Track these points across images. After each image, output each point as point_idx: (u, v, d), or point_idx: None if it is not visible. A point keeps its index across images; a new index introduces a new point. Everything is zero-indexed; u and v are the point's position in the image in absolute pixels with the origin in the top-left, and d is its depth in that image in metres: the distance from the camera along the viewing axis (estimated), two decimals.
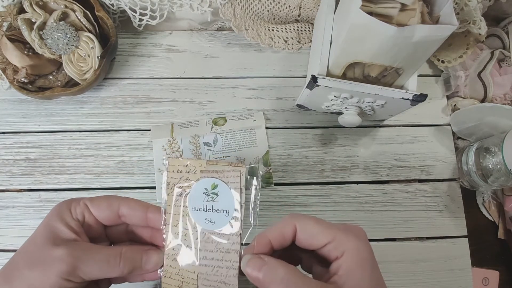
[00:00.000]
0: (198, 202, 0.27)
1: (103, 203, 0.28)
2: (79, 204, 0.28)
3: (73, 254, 0.25)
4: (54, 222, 0.27)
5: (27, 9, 0.43)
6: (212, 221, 0.27)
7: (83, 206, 0.28)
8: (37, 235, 0.27)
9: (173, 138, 0.47)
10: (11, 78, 0.44)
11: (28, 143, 0.47)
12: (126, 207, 0.29)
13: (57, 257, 0.25)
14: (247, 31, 0.48)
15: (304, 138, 0.49)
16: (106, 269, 0.26)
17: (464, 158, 0.48)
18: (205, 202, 0.27)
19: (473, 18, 0.42)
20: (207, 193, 0.28)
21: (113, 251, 0.27)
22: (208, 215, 0.27)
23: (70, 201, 0.28)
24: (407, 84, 0.42)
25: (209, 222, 0.27)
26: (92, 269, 0.26)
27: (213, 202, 0.27)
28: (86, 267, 0.26)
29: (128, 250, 0.27)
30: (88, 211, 0.28)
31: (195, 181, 0.28)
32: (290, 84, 0.51)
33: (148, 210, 0.29)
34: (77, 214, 0.28)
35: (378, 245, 0.46)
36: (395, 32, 0.32)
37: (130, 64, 0.51)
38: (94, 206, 0.28)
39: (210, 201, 0.27)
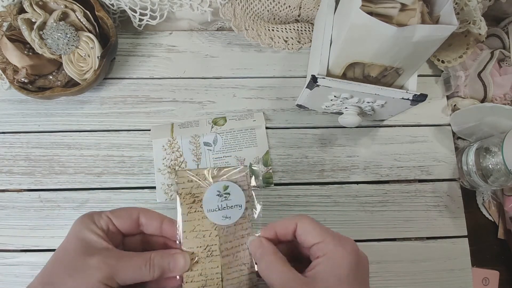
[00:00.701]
0: (213, 204, 0.31)
1: (124, 213, 0.30)
2: (102, 216, 0.30)
3: (107, 262, 0.27)
4: (84, 233, 0.28)
5: (27, 9, 0.43)
6: (228, 216, 0.31)
7: (106, 218, 0.30)
8: (69, 246, 0.28)
9: (173, 138, 0.47)
10: (11, 78, 0.44)
11: (28, 143, 0.47)
12: (145, 216, 0.30)
13: (94, 265, 0.27)
14: (247, 31, 0.48)
15: (304, 138, 0.49)
16: (138, 274, 0.28)
17: (464, 158, 0.48)
18: (219, 203, 0.31)
19: (473, 18, 0.42)
20: (220, 195, 0.31)
21: (143, 257, 0.29)
22: (224, 213, 0.30)
23: (92, 214, 0.30)
24: (407, 84, 0.42)
25: (226, 218, 0.31)
26: (126, 275, 0.28)
27: (226, 201, 0.31)
28: (121, 273, 0.27)
29: (157, 255, 0.29)
30: (111, 222, 0.30)
31: (207, 187, 0.31)
32: (290, 84, 0.51)
33: (163, 221, 0.31)
34: (102, 225, 0.29)
35: (378, 245, 0.46)
36: (395, 32, 0.32)
37: (130, 64, 0.51)
38: (116, 216, 0.30)
39: (224, 200, 0.31)
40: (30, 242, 0.44)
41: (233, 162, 0.47)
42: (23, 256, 0.44)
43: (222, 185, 0.31)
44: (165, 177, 0.46)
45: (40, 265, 0.43)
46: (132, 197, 0.46)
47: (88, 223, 0.29)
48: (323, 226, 0.30)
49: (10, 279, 0.43)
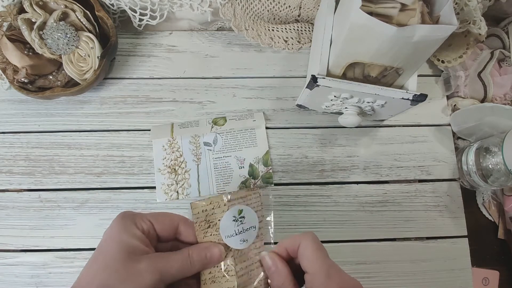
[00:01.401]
0: (230, 229, 0.31)
1: (166, 220, 0.31)
2: (143, 220, 0.30)
3: (155, 266, 0.28)
4: (127, 238, 0.28)
5: (27, 9, 0.43)
6: (245, 239, 0.31)
7: (148, 223, 0.30)
8: (113, 251, 0.28)
9: (173, 138, 0.47)
10: (11, 78, 0.44)
11: (28, 143, 0.47)
12: (184, 225, 0.31)
13: (144, 270, 0.27)
14: (247, 31, 0.48)
15: (304, 138, 0.49)
16: (183, 272, 0.29)
17: (464, 158, 0.48)
18: (236, 228, 0.31)
19: (473, 18, 0.42)
20: (236, 219, 0.31)
21: (183, 254, 0.30)
22: (241, 237, 0.31)
23: (134, 216, 0.30)
24: (407, 84, 0.41)
25: (243, 242, 0.31)
26: (172, 275, 0.29)
27: (242, 225, 0.31)
28: (168, 274, 0.28)
29: (194, 250, 0.30)
30: (152, 227, 0.30)
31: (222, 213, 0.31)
32: (290, 84, 0.51)
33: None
34: (143, 229, 0.29)
35: (378, 245, 0.46)
36: (395, 32, 0.32)
37: (130, 64, 0.51)
38: (159, 222, 0.30)
39: (240, 224, 0.31)
40: (30, 242, 0.44)
41: (233, 162, 0.47)
42: (23, 256, 0.44)
43: (237, 210, 0.31)
44: (165, 177, 0.46)
45: (40, 265, 0.43)
46: (132, 197, 0.46)
47: (130, 226, 0.29)
48: (322, 252, 0.31)
49: (10, 279, 0.43)
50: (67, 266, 0.43)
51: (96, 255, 0.28)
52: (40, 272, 0.43)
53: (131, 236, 0.28)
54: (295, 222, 0.46)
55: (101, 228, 0.44)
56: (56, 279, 0.43)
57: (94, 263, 0.28)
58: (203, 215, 0.31)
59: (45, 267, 0.43)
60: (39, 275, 0.43)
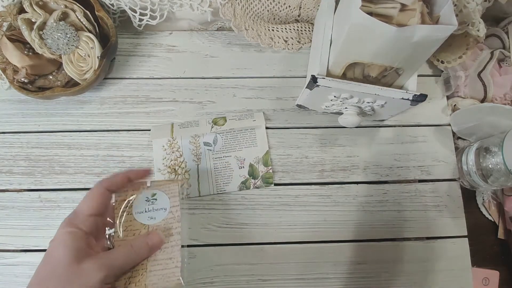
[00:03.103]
0: (141, 207, 0.37)
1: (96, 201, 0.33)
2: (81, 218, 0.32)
3: (100, 262, 0.30)
4: (71, 242, 0.30)
5: (27, 9, 0.43)
6: (153, 217, 0.36)
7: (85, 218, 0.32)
8: (58, 258, 0.29)
9: (173, 138, 0.47)
10: (11, 78, 0.44)
11: (28, 143, 0.47)
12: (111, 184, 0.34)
13: (89, 269, 0.29)
14: (247, 31, 0.48)
15: (304, 138, 0.49)
16: (129, 262, 0.32)
17: (464, 158, 0.48)
18: (147, 206, 0.37)
19: (471, 20, 0.42)
20: (148, 200, 0.37)
21: (126, 246, 0.33)
22: (150, 214, 0.36)
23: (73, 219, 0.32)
24: (407, 84, 0.42)
25: (151, 219, 0.36)
26: (120, 267, 0.31)
27: (153, 205, 0.37)
28: (116, 267, 0.31)
29: (135, 241, 0.33)
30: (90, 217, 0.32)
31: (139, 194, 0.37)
32: (290, 84, 0.51)
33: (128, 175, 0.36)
34: (86, 229, 0.31)
35: (378, 245, 0.46)
36: (395, 32, 0.32)
37: (130, 64, 0.51)
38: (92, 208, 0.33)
39: (151, 204, 0.37)
40: (30, 242, 0.44)
41: (233, 162, 0.47)
42: (23, 256, 0.44)
43: (151, 193, 0.37)
44: (165, 177, 0.46)
45: None
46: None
47: (73, 231, 0.31)
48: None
49: (10, 279, 0.43)
50: None
51: (44, 262, 0.30)
52: None
53: (74, 240, 0.30)
54: (295, 222, 0.46)
55: None
56: None
57: (42, 269, 0.30)
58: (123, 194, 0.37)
59: None
60: None
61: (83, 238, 0.31)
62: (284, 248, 0.45)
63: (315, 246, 0.45)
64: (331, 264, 0.45)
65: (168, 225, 0.36)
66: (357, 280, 0.44)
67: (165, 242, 0.35)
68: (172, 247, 0.35)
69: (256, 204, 0.46)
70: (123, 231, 0.35)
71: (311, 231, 0.45)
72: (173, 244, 0.35)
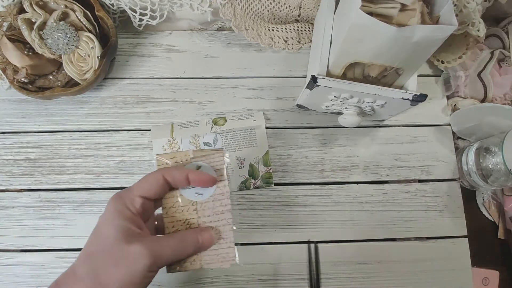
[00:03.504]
0: None
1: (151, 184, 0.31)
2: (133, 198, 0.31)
3: (148, 248, 0.28)
4: (120, 221, 0.29)
5: (27, 9, 0.43)
6: (200, 193, 0.33)
7: (138, 199, 0.31)
8: (107, 235, 0.29)
9: (173, 138, 0.47)
10: (11, 78, 0.44)
11: (28, 143, 0.47)
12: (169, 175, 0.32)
13: (137, 253, 0.28)
14: (247, 31, 0.48)
15: (304, 138, 0.49)
16: (176, 256, 0.31)
17: (464, 158, 0.48)
18: None
19: (472, 20, 0.42)
20: None
21: (177, 238, 0.31)
22: (196, 190, 0.33)
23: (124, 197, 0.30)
24: (407, 84, 0.42)
25: (198, 195, 0.33)
26: (166, 258, 0.30)
27: None
28: (163, 258, 0.29)
29: (187, 234, 0.32)
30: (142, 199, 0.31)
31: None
32: (290, 84, 0.51)
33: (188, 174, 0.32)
34: (136, 208, 0.30)
35: (378, 245, 0.46)
36: (395, 32, 0.32)
37: (130, 64, 0.51)
38: (146, 190, 0.31)
39: None
40: (30, 242, 0.44)
41: (233, 162, 0.47)
42: (23, 256, 0.44)
43: (195, 165, 0.34)
44: None
45: (40, 265, 0.43)
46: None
47: (123, 209, 0.30)
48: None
49: (10, 279, 0.43)
50: (67, 266, 0.42)
51: (92, 239, 0.30)
52: (40, 272, 0.43)
53: (124, 219, 0.29)
54: (295, 222, 0.46)
55: None
56: None
57: (91, 244, 0.29)
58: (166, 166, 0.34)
59: (45, 267, 0.43)
60: (39, 275, 0.43)
61: (132, 218, 0.30)
62: (284, 248, 0.45)
63: None
64: (331, 264, 0.45)
65: (216, 201, 0.34)
66: (357, 280, 0.44)
67: (215, 242, 0.33)
68: (223, 226, 0.33)
69: (256, 204, 0.46)
70: (170, 208, 0.33)
71: (311, 231, 0.46)
72: (224, 223, 0.33)
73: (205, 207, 0.33)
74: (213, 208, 0.33)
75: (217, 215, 0.33)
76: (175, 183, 0.32)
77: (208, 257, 0.32)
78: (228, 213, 0.33)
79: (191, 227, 0.33)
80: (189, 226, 0.33)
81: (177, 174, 0.32)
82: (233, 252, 0.32)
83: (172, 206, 0.33)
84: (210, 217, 0.33)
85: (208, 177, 0.32)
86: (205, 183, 0.33)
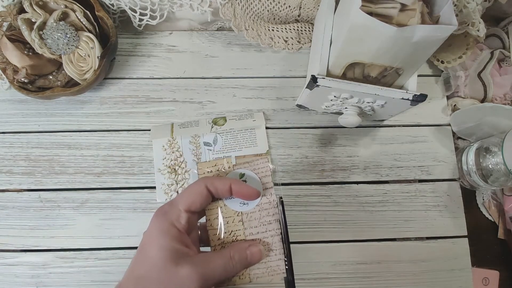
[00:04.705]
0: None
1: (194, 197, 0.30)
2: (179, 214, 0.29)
3: (197, 271, 0.27)
4: (166, 242, 0.28)
5: (27, 9, 0.43)
6: (246, 203, 0.32)
7: (183, 214, 0.29)
8: (154, 257, 0.28)
9: (173, 138, 0.47)
10: (11, 78, 0.44)
11: (28, 143, 0.47)
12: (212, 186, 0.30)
13: (186, 276, 0.27)
14: (247, 31, 0.48)
15: (304, 138, 0.49)
16: (225, 275, 0.29)
17: (464, 158, 0.48)
18: None
19: (472, 20, 0.42)
20: None
21: (225, 256, 0.29)
22: (241, 200, 0.31)
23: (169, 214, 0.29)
24: (407, 84, 0.42)
25: (243, 205, 0.32)
26: (214, 278, 0.28)
27: None
28: (210, 278, 0.28)
29: (236, 252, 0.30)
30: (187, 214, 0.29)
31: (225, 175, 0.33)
32: (290, 84, 0.51)
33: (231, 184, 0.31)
34: (182, 226, 0.29)
35: (378, 245, 0.46)
36: (395, 32, 0.32)
37: (130, 64, 0.51)
38: (190, 204, 0.30)
39: None
40: (30, 242, 0.44)
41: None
42: (23, 256, 0.44)
43: (238, 173, 0.32)
44: (165, 177, 0.46)
45: (40, 265, 0.43)
46: (132, 197, 0.46)
47: (168, 228, 0.28)
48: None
49: (10, 279, 0.43)
50: (67, 266, 0.43)
51: (139, 260, 0.28)
52: (40, 272, 0.43)
53: (170, 239, 0.28)
54: (295, 222, 0.46)
55: (101, 228, 0.45)
56: (56, 279, 0.43)
57: (137, 267, 0.28)
58: (208, 176, 0.32)
59: (45, 267, 0.43)
60: (39, 275, 0.43)
61: (178, 237, 0.28)
62: None
63: (315, 246, 0.45)
64: (331, 264, 0.45)
65: (263, 211, 0.32)
66: (357, 280, 0.44)
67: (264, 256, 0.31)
68: (271, 237, 0.31)
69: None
70: (215, 219, 0.32)
71: (311, 231, 0.45)
72: (272, 233, 0.31)
73: (251, 217, 0.32)
74: (259, 219, 0.32)
75: (264, 226, 0.32)
76: (218, 194, 0.31)
77: (258, 270, 0.31)
78: (276, 223, 0.32)
79: (238, 239, 0.31)
80: (236, 239, 0.31)
81: (220, 185, 0.30)
82: (283, 264, 0.31)
83: (216, 218, 0.32)
84: (257, 228, 0.32)
85: (251, 191, 0.31)
86: (248, 197, 0.31)
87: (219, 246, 0.31)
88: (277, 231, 0.31)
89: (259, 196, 0.31)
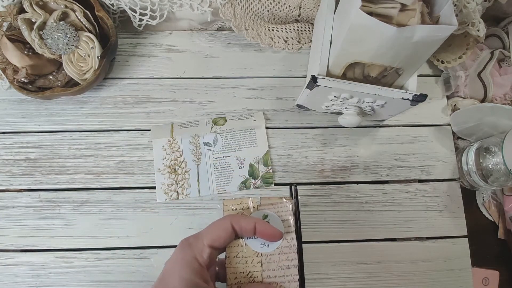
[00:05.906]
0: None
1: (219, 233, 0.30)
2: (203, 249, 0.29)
3: None
4: (188, 275, 0.28)
5: (27, 9, 0.43)
6: (266, 245, 0.32)
7: (207, 250, 0.29)
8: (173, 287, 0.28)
9: (173, 138, 0.47)
10: (11, 78, 0.44)
11: (28, 143, 0.47)
12: (237, 224, 0.31)
13: None
14: (247, 31, 0.48)
15: (304, 138, 0.49)
16: None
17: (464, 158, 0.48)
18: None
19: (472, 20, 0.42)
20: None
21: None
22: (262, 241, 0.32)
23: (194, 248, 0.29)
24: (407, 84, 0.42)
25: (264, 246, 0.32)
26: None
27: None
28: None
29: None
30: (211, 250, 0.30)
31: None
32: (290, 84, 0.51)
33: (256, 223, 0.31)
34: (205, 261, 0.29)
35: (378, 245, 0.46)
36: (395, 32, 0.32)
37: (130, 64, 0.51)
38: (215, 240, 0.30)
39: None
40: (30, 242, 0.44)
41: (233, 162, 0.47)
42: (23, 256, 0.44)
43: (262, 214, 0.32)
44: (165, 177, 0.46)
45: (40, 265, 0.43)
46: (132, 197, 0.46)
47: (191, 260, 0.29)
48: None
49: (10, 279, 0.43)
50: (67, 266, 0.43)
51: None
52: (40, 272, 0.43)
53: (191, 272, 0.28)
54: None
55: (101, 228, 0.45)
56: (56, 279, 0.43)
57: None
58: (233, 213, 0.33)
59: (45, 267, 0.43)
60: (39, 275, 0.43)
61: (199, 272, 0.28)
62: None
63: (315, 246, 0.45)
64: (331, 264, 0.45)
65: (282, 255, 0.32)
66: (357, 280, 0.44)
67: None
68: (288, 282, 0.31)
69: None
70: (234, 257, 0.32)
71: (311, 231, 0.46)
72: (290, 279, 0.31)
73: (270, 260, 0.32)
74: (278, 262, 0.32)
75: (283, 270, 0.31)
76: (242, 233, 0.31)
77: None
78: (294, 268, 0.31)
79: (255, 280, 0.31)
80: (253, 280, 0.31)
81: (245, 224, 0.30)
82: None
83: (235, 256, 0.32)
84: (275, 271, 0.31)
85: (275, 232, 0.31)
86: (271, 237, 0.31)
87: (235, 285, 0.31)
88: (295, 277, 0.31)
89: (281, 237, 0.31)
